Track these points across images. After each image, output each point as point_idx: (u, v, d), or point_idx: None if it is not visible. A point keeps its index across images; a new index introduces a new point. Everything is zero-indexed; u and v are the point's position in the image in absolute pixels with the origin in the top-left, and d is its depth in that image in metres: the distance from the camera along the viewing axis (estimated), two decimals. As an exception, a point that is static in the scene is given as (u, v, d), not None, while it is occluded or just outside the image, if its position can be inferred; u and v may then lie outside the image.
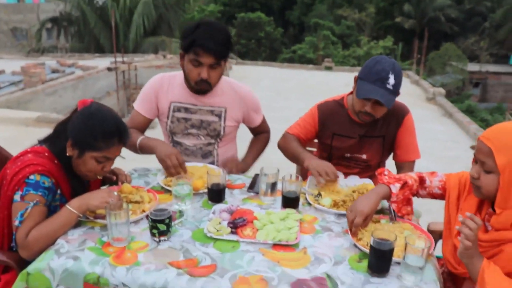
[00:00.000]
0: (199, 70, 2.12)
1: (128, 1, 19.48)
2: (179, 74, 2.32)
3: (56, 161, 1.70)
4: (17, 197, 1.59)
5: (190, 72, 2.15)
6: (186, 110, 2.30)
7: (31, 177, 1.60)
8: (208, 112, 2.30)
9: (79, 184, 1.80)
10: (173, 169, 2.03)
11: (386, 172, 1.83)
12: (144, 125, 2.38)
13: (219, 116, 2.31)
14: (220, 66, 2.16)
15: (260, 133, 2.61)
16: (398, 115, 2.24)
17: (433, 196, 1.80)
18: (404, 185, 1.75)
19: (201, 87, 2.18)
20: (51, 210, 1.69)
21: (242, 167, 2.42)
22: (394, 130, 2.25)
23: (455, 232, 1.62)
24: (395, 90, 2.02)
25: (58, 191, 1.71)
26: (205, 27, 2.08)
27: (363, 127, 2.24)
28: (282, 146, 2.40)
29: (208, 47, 2.04)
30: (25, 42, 24.63)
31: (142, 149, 2.20)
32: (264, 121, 2.55)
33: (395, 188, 1.72)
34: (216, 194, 1.89)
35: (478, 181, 1.50)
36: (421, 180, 1.79)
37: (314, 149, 2.59)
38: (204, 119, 2.30)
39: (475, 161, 1.52)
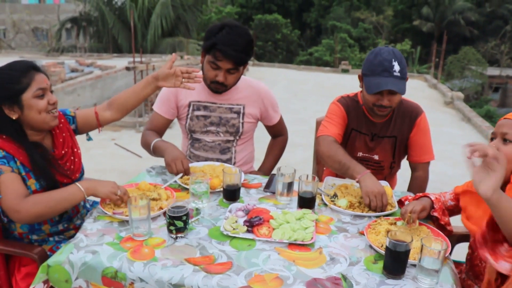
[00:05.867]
0: (216, 73, 2.16)
1: (146, 2, 19.66)
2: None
3: (4, 136, 1.69)
4: None
5: (208, 72, 2.19)
6: (205, 108, 2.33)
7: None
8: (227, 109, 2.33)
9: (39, 151, 1.76)
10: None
11: (409, 197, 1.88)
12: (163, 126, 2.41)
13: (238, 113, 2.34)
14: (238, 71, 2.19)
15: (278, 134, 2.62)
16: (411, 115, 2.22)
17: (448, 209, 1.82)
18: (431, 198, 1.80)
19: (216, 88, 2.23)
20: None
21: None
22: (407, 131, 2.23)
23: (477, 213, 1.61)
24: (403, 76, 2.01)
25: (16, 160, 1.68)
26: (228, 30, 2.08)
27: (377, 125, 2.23)
28: (327, 154, 2.10)
29: (227, 54, 2.06)
30: (45, 42, 25.06)
31: (155, 151, 2.23)
32: (281, 122, 2.56)
33: (432, 197, 1.78)
34: (231, 193, 1.90)
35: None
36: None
37: None
38: (223, 116, 2.33)
39: (492, 139, 1.58)
